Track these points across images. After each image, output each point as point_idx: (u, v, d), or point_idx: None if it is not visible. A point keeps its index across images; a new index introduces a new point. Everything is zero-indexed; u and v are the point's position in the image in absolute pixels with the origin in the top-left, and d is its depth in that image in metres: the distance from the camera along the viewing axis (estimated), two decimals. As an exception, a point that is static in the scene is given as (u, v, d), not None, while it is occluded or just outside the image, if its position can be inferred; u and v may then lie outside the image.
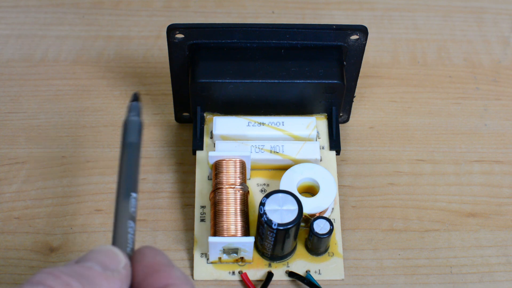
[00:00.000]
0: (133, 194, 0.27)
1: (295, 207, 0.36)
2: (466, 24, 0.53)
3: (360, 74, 0.42)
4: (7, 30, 0.51)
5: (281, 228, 0.36)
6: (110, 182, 0.43)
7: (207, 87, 0.40)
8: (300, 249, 0.39)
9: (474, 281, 0.39)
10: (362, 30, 0.39)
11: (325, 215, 0.40)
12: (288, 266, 0.39)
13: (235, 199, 0.38)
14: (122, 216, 0.27)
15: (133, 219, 0.27)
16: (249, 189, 0.40)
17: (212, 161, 0.40)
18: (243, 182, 0.39)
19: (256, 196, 0.41)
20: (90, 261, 0.25)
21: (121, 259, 0.26)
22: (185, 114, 0.45)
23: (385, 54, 0.50)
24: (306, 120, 0.42)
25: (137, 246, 0.41)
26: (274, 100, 0.41)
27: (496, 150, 0.45)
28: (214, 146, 0.41)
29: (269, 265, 0.39)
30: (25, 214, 0.41)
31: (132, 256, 0.26)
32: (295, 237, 0.38)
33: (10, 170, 0.43)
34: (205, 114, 0.42)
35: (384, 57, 0.50)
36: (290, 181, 0.39)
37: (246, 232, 0.38)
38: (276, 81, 0.40)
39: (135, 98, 0.29)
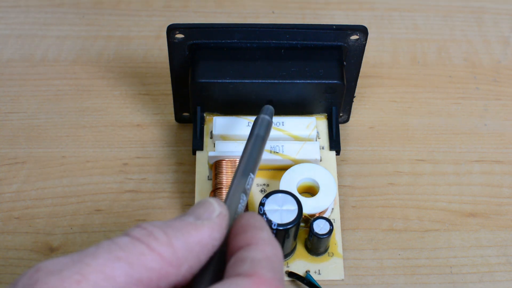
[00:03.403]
0: (251, 175, 0.30)
1: (294, 207, 0.36)
2: (466, 24, 0.53)
3: (360, 74, 0.42)
4: (7, 30, 0.51)
5: (281, 228, 0.36)
6: (110, 182, 0.43)
7: (207, 87, 0.40)
8: (300, 249, 0.39)
9: (474, 281, 0.39)
10: (362, 30, 0.39)
11: (325, 215, 0.40)
12: (288, 266, 0.39)
13: (235, 199, 0.38)
14: (237, 189, 0.29)
15: (246, 194, 0.29)
16: (249, 189, 0.40)
17: (212, 161, 0.40)
18: (243, 182, 0.39)
19: (256, 196, 0.41)
20: (187, 214, 0.26)
21: (215, 208, 0.26)
22: (185, 114, 0.45)
23: (385, 54, 0.50)
24: (306, 120, 0.42)
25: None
26: (274, 100, 0.41)
27: (496, 150, 0.45)
28: (214, 146, 0.41)
29: (269, 265, 0.39)
30: (25, 214, 0.41)
31: (235, 220, 0.27)
32: (295, 237, 0.38)
33: (10, 170, 0.43)
34: (205, 114, 0.42)
35: (384, 57, 0.50)
36: (290, 181, 0.39)
37: (246, 232, 0.38)
38: (276, 81, 0.40)
39: (270, 102, 0.35)
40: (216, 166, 0.40)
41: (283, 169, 0.40)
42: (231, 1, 0.53)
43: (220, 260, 0.26)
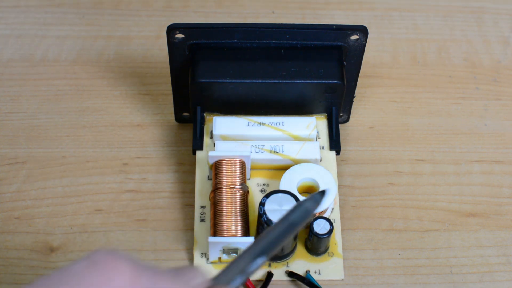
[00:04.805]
0: (261, 258, 0.27)
1: (295, 207, 0.36)
2: (466, 24, 0.53)
3: (360, 74, 0.42)
4: (7, 30, 0.51)
5: (281, 228, 0.36)
6: (110, 182, 0.43)
7: (207, 87, 0.40)
8: (300, 249, 0.39)
9: (474, 281, 0.39)
10: (362, 30, 0.39)
11: (325, 215, 0.40)
12: (288, 266, 0.39)
13: (235, 199, 0.38)
14: (237, 268, 0.27)
15: (245, 274, 0.27)
16: (249, 189, 0.40)
17: (212, 161, 0.40)
18: (243, 182, 0.39)
19: (256, 196, 0.41)
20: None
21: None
22: (185, 114, 0.45)
23: (385, 54, 0.50)
24: (306, 120, 0.42)
25: (137, 245, 0.41)
26: (274, 100, 0.41)
27: (496, 150, 0.45)
28: (214, 146, 0.41)
29: (269, 265, 0.39)
30: (25, 214, 0.41)
31: None
32: (295, 237, 0.38)
33: (10, 170, 0.43)
34: (205, 114, 0.42)
35: (384, 57, 0.50)
36: (290, 181, 0.39)
37: (246, 232, 0.38)
38: (276, 81, 0.40)
39: (323, 193, 0.30)
40: (216, 166, 0.40)
41: (283, 169, 0.40)
42: (231, 1, 0.53)
43: None
